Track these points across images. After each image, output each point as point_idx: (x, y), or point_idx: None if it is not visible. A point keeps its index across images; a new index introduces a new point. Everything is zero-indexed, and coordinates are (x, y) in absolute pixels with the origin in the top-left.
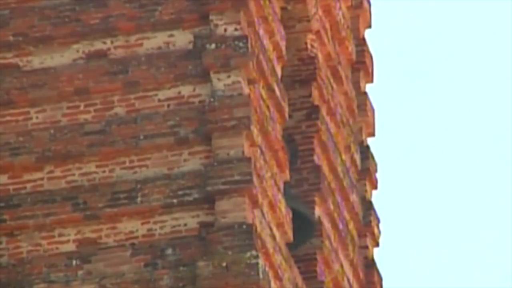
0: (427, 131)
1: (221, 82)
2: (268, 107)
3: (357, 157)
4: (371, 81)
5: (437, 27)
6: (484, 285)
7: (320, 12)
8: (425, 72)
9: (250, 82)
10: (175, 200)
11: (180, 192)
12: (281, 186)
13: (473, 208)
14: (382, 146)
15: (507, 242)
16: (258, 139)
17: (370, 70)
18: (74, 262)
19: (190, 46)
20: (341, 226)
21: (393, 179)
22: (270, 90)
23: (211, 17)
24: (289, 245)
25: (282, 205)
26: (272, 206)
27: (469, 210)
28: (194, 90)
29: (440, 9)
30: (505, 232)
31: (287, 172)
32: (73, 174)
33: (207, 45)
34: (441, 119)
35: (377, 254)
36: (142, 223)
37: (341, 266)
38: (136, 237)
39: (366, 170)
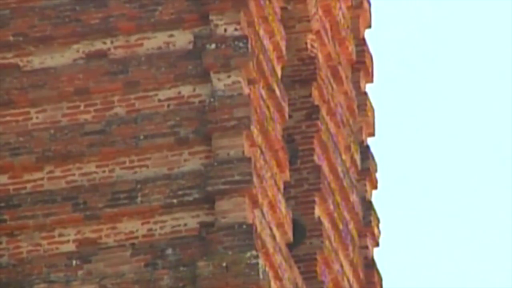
0: (427, 131)
1: (221, 82)
2: (268, 107)
3: (357, 157)
4: (371, 81)
5: (437, 27)
6: (484, 285)
7: (320, 12)
8: (425, 72)
9: (250, 82)
10: (175, 200)
11: (180, 192)
12: (281, 186)
13: (473, 208)
14: (382, 146)
15: (507, 242)
16: (258, 139)
17: (370, 70)
18: (74, 262)
19: (190, 46)
20: (341, 226)
21: (393, 179)
22: (270, 90)
23: (211, 17)
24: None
25: (282, 205)
26: (272, 206)
27: (469, 210)
28: (194, 90)
29: (440, 9)
30: (505, 232)
31: (287, 172)
32: (73, 174)
33: (207, 45)
34: (441, 119)
35: (377, 254)
36: (142, 223)
37: (341, 266)
38: (136, 237)
39: (366, 170)
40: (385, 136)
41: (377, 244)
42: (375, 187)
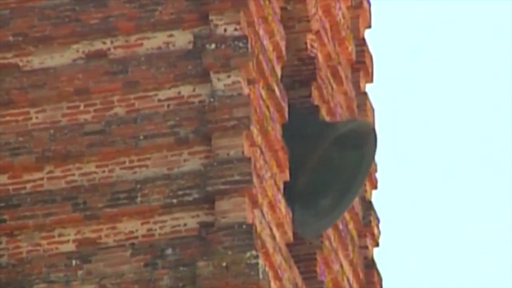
0: (427, 130)
1: (221, 82)
2: (268, 107)
3: None
4: (371, 81)
5: (437, 27)
6: (484, 285)
7: (320, 12)
8: (425, 72)
9: (250, 82)
10: (175, 200)
11: (180, 192)
12: (281, 186)
13: (473, 208)
14: (382, 146)
15: (507, 242)
16: (258, 139)
17: (370, 70)
18: (74, 262)
19: (190, 46)
20: (341, 226)
21: (393, 179)
22: (270, 90)
23: (211, 17)
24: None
25: (282, 205)
26: (272, 206)
27: (469, 210)
28: (194, 90)
29: (440, 9)
30: (505, 232)
31: (287, 172)
32: (73, 174)
33: (207, 45)
34: (441, 119)
35: (377, 254)
36: (142, 223)
37: (341, 266)
38: (136, 237)
39: None
40: (385, 136)
41: (377, 244)
42: (375, 187)
